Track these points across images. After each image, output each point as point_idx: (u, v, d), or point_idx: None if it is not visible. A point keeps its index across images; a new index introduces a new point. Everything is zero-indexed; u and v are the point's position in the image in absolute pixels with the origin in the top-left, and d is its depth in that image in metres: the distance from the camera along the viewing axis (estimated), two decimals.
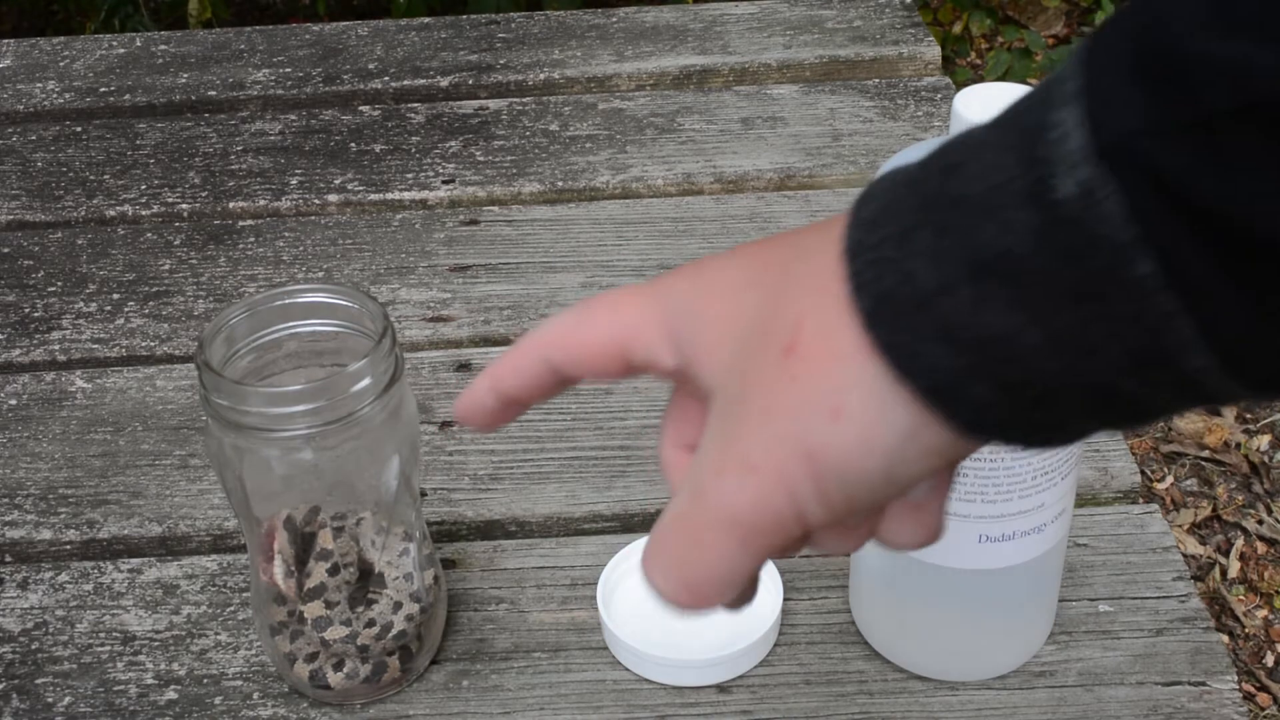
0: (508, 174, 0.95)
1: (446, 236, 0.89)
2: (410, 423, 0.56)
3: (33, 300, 0.86)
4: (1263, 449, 1.70)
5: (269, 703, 0.60)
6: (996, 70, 2.31)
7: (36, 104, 1.07)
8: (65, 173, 0.98)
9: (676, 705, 0.59)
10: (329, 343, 0.56)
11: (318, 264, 0.87)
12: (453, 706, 0.59)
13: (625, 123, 1.00)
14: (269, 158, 0.98)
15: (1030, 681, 0.58)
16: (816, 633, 0.61)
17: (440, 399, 0.76)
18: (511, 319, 0.82)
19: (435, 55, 1.10)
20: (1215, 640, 0.60)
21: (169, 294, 0.86)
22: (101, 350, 0.81)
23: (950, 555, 0.54)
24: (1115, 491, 0.67)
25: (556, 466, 0.71)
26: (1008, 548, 0.54)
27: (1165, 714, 0.57)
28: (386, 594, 0.58)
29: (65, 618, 0.64)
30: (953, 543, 0.54)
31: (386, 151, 0.98)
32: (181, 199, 0.95)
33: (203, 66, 1.10)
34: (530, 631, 0.62)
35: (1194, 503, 1.64)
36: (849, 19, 1.11)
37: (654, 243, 0.87)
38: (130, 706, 0.60)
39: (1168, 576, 0.63)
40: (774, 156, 0.95)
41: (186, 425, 0.75)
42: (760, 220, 0.89)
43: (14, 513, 0.70)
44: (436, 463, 0.72)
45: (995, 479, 0.52)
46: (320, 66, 1.09)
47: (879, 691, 0.58)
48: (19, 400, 0.78)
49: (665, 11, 1.15)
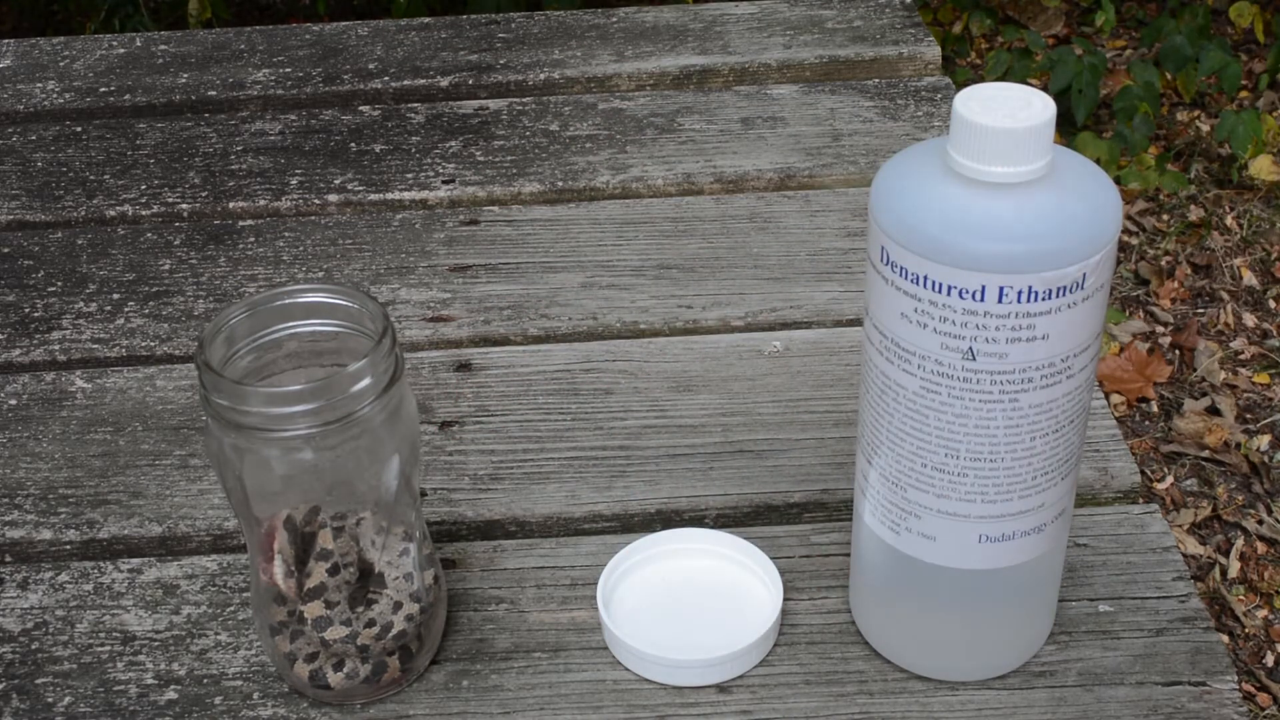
0: (508, 174, 0.95)
1: (446, 236, 0.89)
2: (410, 423, 0.56)
3: (33, 300, 0.86)
4: (1263, 449, 1.70)
5: (269, 703, 0.60)
6: (996, 70, 2.31)
7: (36, 104, 1.07)
8: (65, 173, 0.98)
9: (676, 705, 0.59)
10: (329, 343, 0.56)
11: (318, 264, 0.87)
12: (453, 706, 0.59)
13: (625, 123, 1.00)
14: (269, 158, 0.98)
15: (1030, 681, 0.58)
16: (816, 633, 0.61)
17: (440, 399, 0.76)
18: (511, 319, 0.82)
19: (435, 55, 1.10)
20: (1215, 640, 0.60)
21: (169, 294, 0.86)
22: (101, 350, 0.81)
23: (950, 555, 0.54)
24: (1115, 491, 0.67)
25: (556, 466, 0.71)
26: (1008, 548, 0.54)
27: (1165, 714, 0.57)
28: (386, 594, 0.58)
29: (65, 618, 0.64)
30: (953, 543, 0.54)
31: (386, 151, 0.99)
32: (181, 199, 0.95)
33: (203, 66, 1.10)
34: (530, 631, 0.62)
35: (1194, 503, 1.64)
36: (849, 19, 1.11)
37: (654, 243, 0.87)
38: (130, 706, 0.60)
39: (1168, 576, 0.63)
40: (774, 156, 0.95)
41: (186, 425, 0.75)
42: (760, 220, 0.89)
43: (14, 513, 0.70)
44: (436, 463, 0.72)
45: (995, 479, 0.52)
46: (320, 66, 1.09)
47: (879, 691, 0.58)
48: (19, 400, 0.78)
49: (665, 11, 1.15)
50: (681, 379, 0.76)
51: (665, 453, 0.71)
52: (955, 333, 0.48)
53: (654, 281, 0.84)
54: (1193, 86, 2.31)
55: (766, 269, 0.84)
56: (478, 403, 0.75)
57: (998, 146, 0.47)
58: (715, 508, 0.68)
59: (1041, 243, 0.47)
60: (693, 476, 0.70)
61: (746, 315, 0.81)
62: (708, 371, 0.77)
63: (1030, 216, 0.47)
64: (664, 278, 0.84)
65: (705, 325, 0.81)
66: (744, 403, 0.74)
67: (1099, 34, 2.60)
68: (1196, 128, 2.34)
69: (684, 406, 0.74)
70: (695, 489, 0.69)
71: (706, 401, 0.74)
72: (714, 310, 0.81)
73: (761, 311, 0.81)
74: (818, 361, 0.77)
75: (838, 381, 0.75)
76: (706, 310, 0.81)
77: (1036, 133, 0.47)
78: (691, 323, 0.81)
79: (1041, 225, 0.47)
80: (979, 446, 0.51)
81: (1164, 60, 2.29)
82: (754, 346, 0.78)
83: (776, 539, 0.65)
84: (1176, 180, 2.13)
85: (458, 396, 0.76)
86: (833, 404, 0.73)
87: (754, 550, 0.63)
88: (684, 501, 0.68)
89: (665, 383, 0.76)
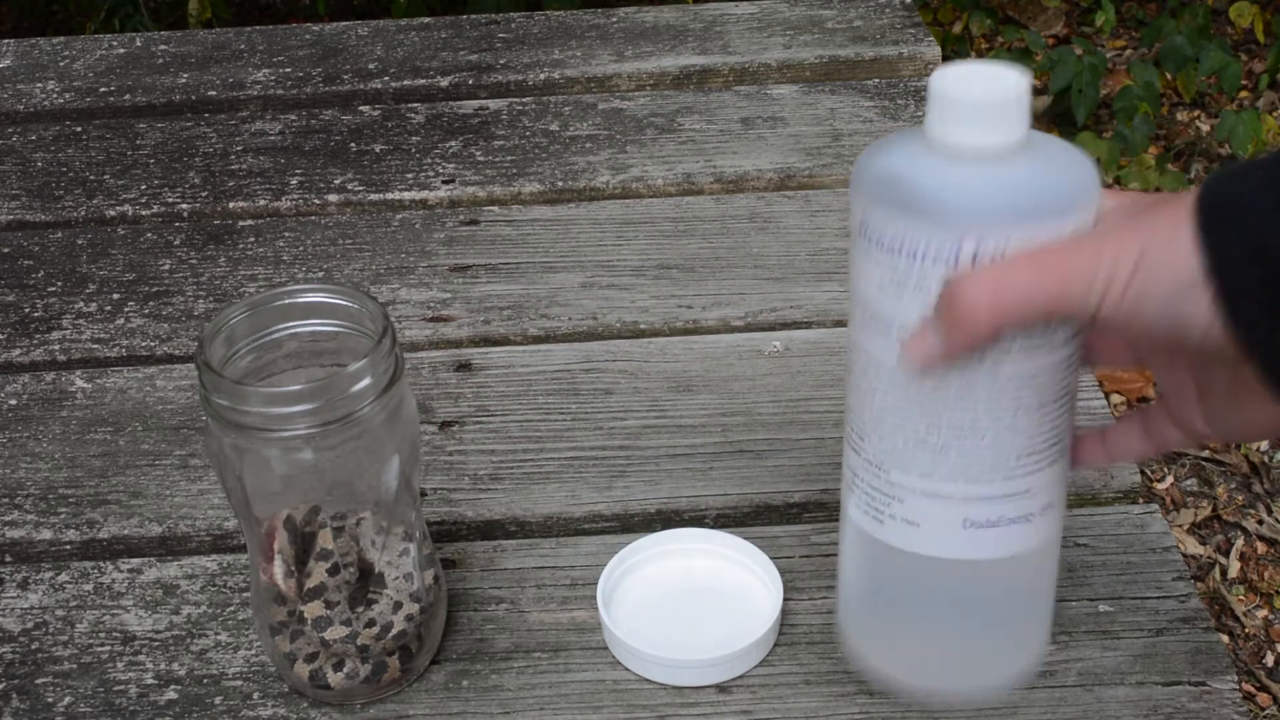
0: (508, 174, 0.95)
1: (446, 236, 0.89)
2: (410, 423, 0.56)
3: (33, 300, 0.86)
4: (1263, 449, 1.70)
5: (269, 703, 0.60)
6: None
7: (36, 104, 1.07)
8: (65, 173, 0.98)
9: (676, 705, 0.59)
10: (329, 343, 0.56)
11: (318, 264, 0.87)
12: (453, 706, 0.59)
13: (625, 123, 1.00)
14: (269, 158, 0.98)
15: (1030, 681, 0.58)
16: (816, 633, 0.61)
17: (440, 399, 0.76)
18: (511, 319, 0.82)
19: (435, 55, 1.10)
20: (1215, 640, 0.60)
21: (169, 294, 0.86)
22: (101, 350, 0.81)
23: (934, 543, 0.53)
24: (1115, 491, 0.67)
25: (556, 466, 0.71)
26: (993, 535, 0.52)
27: (1165, 714, 0.57)
28: (386, 594, 0.58)
29: (65, 618, 0.64)
30: (937, 528, 0.53)
31: (386, 151, 0.99)
32: (181, 199, 0.95)
33: (203, 66, 1.10)
34: (530, 631, 0.62)
35: (1194, 503, 1.64)
36: (849, 19, 1.11)
37: (654, 243, 0.87)
38: (130, 706, 0.60)
39: (1168, 576, 0.63)
40: (774, 156, 0.95)
41: (186, 425, 0.75)
42: (760, 220, 0.89)
43: (14, 513, 0.70)
44: (436, 463, 0.72)
45: (978, 455, 0.51)
46: (320, 66, 1.09)
47: (879, 691, 0.58)
48: (19, 400, 0.78)
49: (665, 11, 1.15)
50: (681, 379, 0.76)
51: (665, 453, 0.71)
52: (931, 299, 0.49)
53: (654, 281, 0.84)
54: (1193, 86, 2.31)
55: (766, 269, 0.84)
56: (478, 403, 0.75)
57: (972, 117, 0.48)
58: (715, 508, 0.68)
59: (1015, 198, 0.48)
60: (693, 476, 0.70)
61: (746, 315, 0.81)
62: (708, 371, 0.77)
63: (1004, 177, 0.48)
64: (664, 278, 0.84)
65: (705, 325, 0.81)
66: (744, 403, 0.74)
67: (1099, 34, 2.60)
68: (1196, 128, 2.34)
69: (684, 406, 0.74)
70: (695, 489, 0.69)
71: (706, 401, 0.74)
72: (714, 310, 0.81)
73: (761, 311, 0.81)
74: (818, 361, 0.77)
75: (838, 381, 0.75)
76: (706, 310, 0.81)
77: (1009, 105, 0.48)
78: (691, 323, 0.81)
79: (1015, 183, 0.48)
80: (960, 418, 0.50)
81: (1164, 60, 2.29)
82: (754, 346, 0.78)
83: (776, 539, 0.65)
84: (1176, 180, 2.13)
85: (458, 396, 0.76)
86: (833, 404, 0.73)
87: (754, 550, 0.63)
88: (684, 501, 0.68)
89: (665, 383, 0.76)
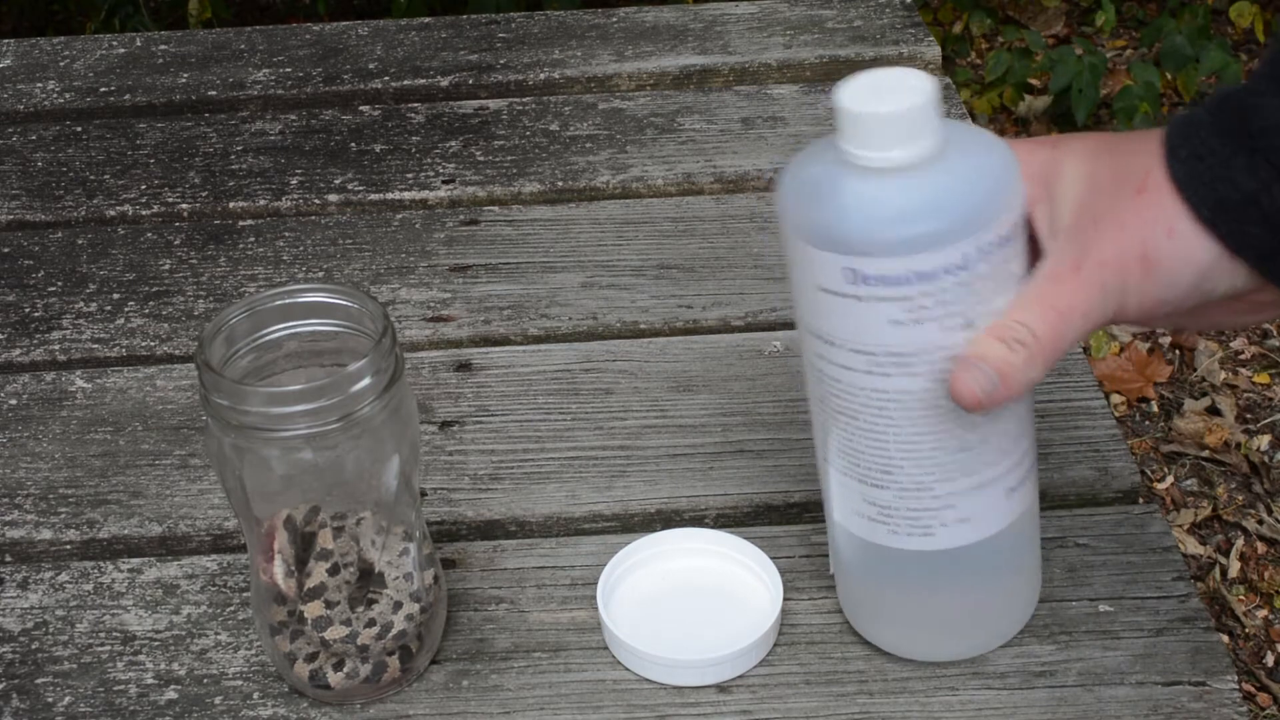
0: (508, 174, 0.95)
1: (446, 236, 0.89)
2: (410, 423, 0.56)
3: (33, 300, 0.86)
4: (1263, 449, 1.70)
5: (269, 703, 0.60)
6: (996, 70, 2.31)
7: (36, 104, 1.07)
8: (65, 173, 0.98)
9: (676, 705, 0.59)
10: (329, 343, 0.56)
11: (318, 264, 0.87)
12: (453, 706, 0.59)
13: (625, 123, 1.00)
14: (269, 158, 0.98)
15: (1030, 681, 0.58)
16: (816, 633, 0.61)
17: (440, 399, 0.76)
18: (511, 319, 0.82)
19: (435, 55, 1.10)
20: (1215, 640, 0.60)
21: (169, 294, 0.86)
22: (101, 350, 0.81)
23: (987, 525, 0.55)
24: (1115, 491, 0.68)
25: (556, 466, 0.71)
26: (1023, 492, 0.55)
27: (1165, 714, 0.57)
28: (386, 594, 0.58)
29: (65, 618, 0.64)
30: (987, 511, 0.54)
31: (386, 151, 0.99)
32: (181, 199, 0.95)
33: (203, 66, 1.10)
34: (530, 631, 0.62)
35: (1194, 503, 1.64)
36: (849, 19, 1.11)
37: (654, 243, 0.87)
38: (130, 706, 0.60)
39: (1168, 576, 0.63)
40: (774, 156, 0.95)
41: (186, 425, 0.75)
42: (760, 220, 0.89)
43: (14, 513, 0.70)
44: (436, 463, 0.72)
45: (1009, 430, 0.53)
46: (320, 66, 1.09)
47: (879, 691, 0.58)
48: (19, 400, 0.78)
49: (665, 11, 1.15)
50: (681, 379, 0.76)
51: (665, 453, 0.71)
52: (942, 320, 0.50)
53: (654, 281, 0.84)
54: (1193, 86, 2.31)
55: (766, 269, 0.84)
56: (478, 403, 0.75)
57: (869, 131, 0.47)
58: (715, 508, 0.68)
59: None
60: (693, 476, 0.70)
61: (746, 315, 0.81)
62: (708, 371, 0.77)
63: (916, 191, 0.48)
64: (664, 278, 0.84)
65: (705, 325, 0.81)
66: (744, 403, 0.74)
67: (1099, 34, 2.60)
68: None
69: (684, 406, 0.74)
70: (695, 489, 0.69)
71: (706, 401, 0.74)
72: (714, 310, 0.81)
73: (761, 311, 0.81)
74: None
75: None
76: (706, 310, 0.81)
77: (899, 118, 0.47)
78: (691, 323, 0.81)
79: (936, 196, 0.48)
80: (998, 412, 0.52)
81: (1164, 60, 2.29)
82: (754, 346, 0.78)
83: (776, 539, 0.65)
84: None
85: (458, 396, 0.76)
86: None
87: (754, 550, 0.63)
88: (684, 501, 0.68)
89: (665, 383, 0.76)
